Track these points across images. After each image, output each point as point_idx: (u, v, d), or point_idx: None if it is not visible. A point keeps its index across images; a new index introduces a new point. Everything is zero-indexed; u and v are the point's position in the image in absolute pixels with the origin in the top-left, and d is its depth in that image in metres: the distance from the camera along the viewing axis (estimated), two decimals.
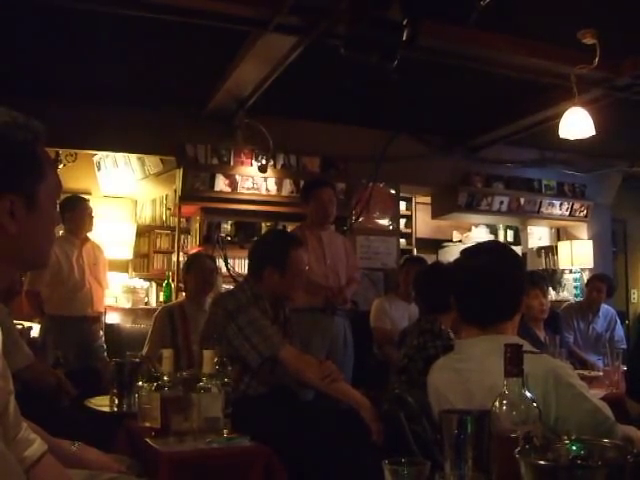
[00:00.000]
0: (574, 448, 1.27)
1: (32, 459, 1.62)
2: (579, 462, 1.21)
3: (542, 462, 1.21)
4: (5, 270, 1.48)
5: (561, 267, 9.13)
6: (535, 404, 1.48)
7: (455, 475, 1.43)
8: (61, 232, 6.06)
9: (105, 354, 6.01)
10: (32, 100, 5.53)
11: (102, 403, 3.69)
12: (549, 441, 1.34)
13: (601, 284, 6.66)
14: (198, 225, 7.30)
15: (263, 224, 7.50)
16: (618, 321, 6.76)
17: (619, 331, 6.68)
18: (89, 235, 6.26)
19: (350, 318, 5.49)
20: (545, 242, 9.65)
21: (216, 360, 2.96)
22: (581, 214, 9.00)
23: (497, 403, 1.48)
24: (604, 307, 6.73)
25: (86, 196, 6.70)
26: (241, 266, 7.16)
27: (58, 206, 5.18)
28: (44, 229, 1.54)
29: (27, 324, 5.94)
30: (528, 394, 1.49)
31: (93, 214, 6.22)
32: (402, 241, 9.03)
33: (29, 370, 3.57)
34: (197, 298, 5.09)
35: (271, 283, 3.49)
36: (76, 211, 6.04)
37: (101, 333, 6.23)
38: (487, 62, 5.53)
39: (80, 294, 5.98)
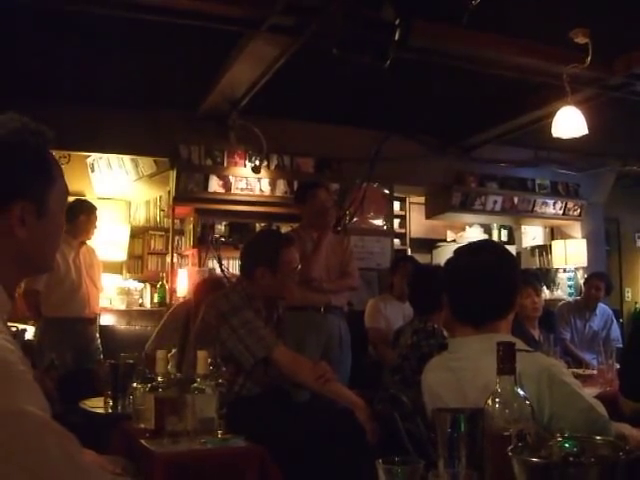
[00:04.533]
0: (567, 445, 1.26)
1: None
2: (572, 459, 1.21)
3: (535, 460, 1.21)
4: (15, 275, 1.47)
5: (555, 266, 9.15)
6: (528, 402, 1.49)
7: (448, 473, 1.43)
8: None
9: (101, 356, 6.00)
10: (25, 101, 5.54)
11: (97, 405, 3.69)
12: (542, 439, 1.34)
13: (600, 282, 6.68)
14: (192, 226, 7.29)
15: (257, 225, 7.49)
16: (614, 320, 6.78)
17: (615, 330, 6.70)
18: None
19: (345, 318, 5.48)
20: (539, 241, 9.66)
21: (210, 361, 2.96)
22: (575, 213, 9.02)
23: (490, 401, 1.48)
24: (601, 306, 6.74)
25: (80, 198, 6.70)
26: (235, 267, 7.16)
27: (69, 207, 5.10)
28: (52, 234, 1.53)
29: (21, 326, 5.93)
30: (521, 392, 1.49)
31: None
32: (396, 241, 9.03)
33: None
34: None
35: (263, 283, 3.49)
36: (90, 217, 6.07)
37: (97, 335, 6.22)
38: (480, 62, 5.53)
39: (77, 295, 5.96)
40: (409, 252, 9.62)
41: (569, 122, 5.66)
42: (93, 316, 6.18)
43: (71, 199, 6.33)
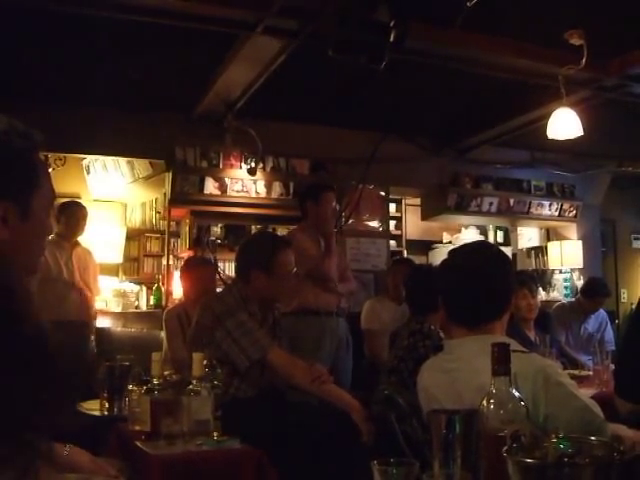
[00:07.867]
0: (562, 446, 1.26)
1: None
2: (567, 460, 1.21)
3: (530, 460, 1.21)
4: None
5: (551, 267, 9.16)
6: (523, 403, 1.49)
7: (443, 474, 1.43)
8: (51, 236, 5.98)
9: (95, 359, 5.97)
10: (22, 103, 5.54)
11: (93, 407, 3.69)
12: (537, 439, 1.34)
13: (604, 299, 6.64)
14: (188, 228, 7.29)
15: (253, 227, 7.48)
16: (609, 323, 6.79)
17: (609, 333, 6.71)
18: (80, 240, 6.22)
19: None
20: (535, 243, 9.68)
21: (205, 363, 2.96)
22: (570, 214, 9.02)
23: (485, 402, 1.48)
24: None
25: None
26: (231, 269, 7.16)
27: (57, 210, 5.04)
28: (36, 238, 1.54)
29: None
30: (516, 393, 1.49)
31: (86, 218, 6.19)
32: (392, 243, 9.03)
33: None
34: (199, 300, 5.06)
35: (258, 285, 3.48)
36: (71, 216, 6.02)
37: (92, 337, 6.19)
38: (475, 63, 5.54)
39: (69, 298, 5.92)
40: (405, 254, 9.62)
41: (564, 123, 5.67)
42: (87, 319, 6.14)
43: (58, 202, 6.32)
